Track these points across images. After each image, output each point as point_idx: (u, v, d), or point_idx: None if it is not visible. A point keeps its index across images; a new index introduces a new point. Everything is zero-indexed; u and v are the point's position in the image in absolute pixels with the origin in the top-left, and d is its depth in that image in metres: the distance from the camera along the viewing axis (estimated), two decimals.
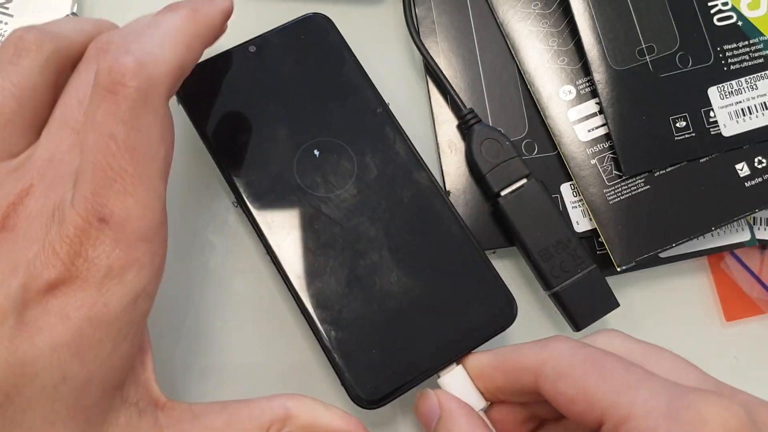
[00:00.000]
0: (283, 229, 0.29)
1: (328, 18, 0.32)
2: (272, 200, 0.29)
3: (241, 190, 0.29)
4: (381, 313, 0.28)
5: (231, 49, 0.31)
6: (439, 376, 0.28)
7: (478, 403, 0.27)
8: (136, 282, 0.21)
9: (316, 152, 0.30)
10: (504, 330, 0.29)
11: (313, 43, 0.32)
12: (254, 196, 0.29)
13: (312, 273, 0.28)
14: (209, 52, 0.31)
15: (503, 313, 0.29)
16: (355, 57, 0.32)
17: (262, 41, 0.31)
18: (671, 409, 0.19)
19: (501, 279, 0.29)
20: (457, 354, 0.28)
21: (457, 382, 0.27)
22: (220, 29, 0.26)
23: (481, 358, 0.27)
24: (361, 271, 0.29)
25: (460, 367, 0.28)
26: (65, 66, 0.25)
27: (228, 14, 0.27)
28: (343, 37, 0.32)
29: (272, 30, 0.32)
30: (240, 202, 0.29)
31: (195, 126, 0.30)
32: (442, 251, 0.29)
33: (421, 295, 0.28)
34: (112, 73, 0.21)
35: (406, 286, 0.28)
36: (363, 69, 0.32)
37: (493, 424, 0.26)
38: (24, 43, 0.24)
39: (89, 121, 0.21)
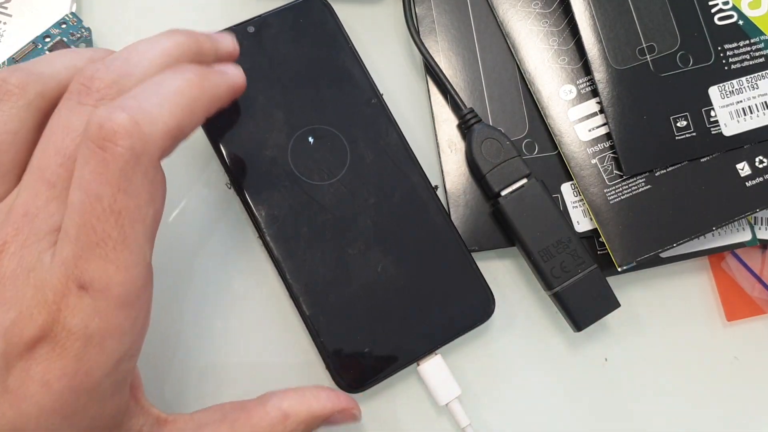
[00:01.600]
0: (274, 214, 0.30)
1: (328, 3, 0.32)
2: (265, 185, 0.30)
3: (235, 172, 0.30)
4: (366, 301, 0.29)
5: (230, 28, 0.31)
6: (418, 365, 0.30)
7: (455, 391, 0.29)
8: (117, 348, 0.21)
9: (311, 139, 0.30)
10: (482, 323, 0.30)
11: (312, 27, 0.32)
12: (248, 180, 0.30)
13: (301, 258, 0.29)
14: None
15: (482, 308, 0.30)
16: (352, 45, 0.32)
17: (261, 22, 0.31)
18: None
19: (481, 274, 0.30)
20: (436, 344, 0.29)
21: (435, 371, 0.29)
22: (225, 101, 0.25)
23: None
24: (348, 260, 0.29)
25: (438, 356, 0.30)
26: (52, 108, 0.23)
27: (238, 91, 0.25)
28: (341, 24, 0.32)
29: (271, 11, 0.32)
30: (233, 184, 0.30)
31: None
32: (426, 245, 0.30)
33: (405, 285, 0.30)
34: (103, 130, 0.20)
35: (390, 277, 0.30)
36: (360, 58, 0.32)
37: None
38: (6, 86, 0.22)
39: (77, 175, 0.20)
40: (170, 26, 0.33)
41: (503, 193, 0.31)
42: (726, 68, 0.32)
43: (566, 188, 0.32)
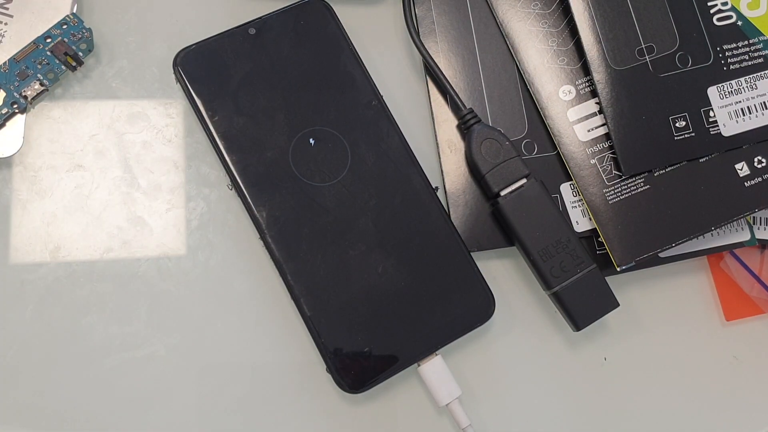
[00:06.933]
0: (276, 215, 0.30)
1: (329, 5, 0.32)
2: (266, 186, 0.30)
3: (236, 173, 0.30)
4: (366, 302, 0.29)
5: (231, 29, 0.31)
6: (419, 365, 0.30)
7: (455, 391, 0.29)
8: None
9: (312, 141, 0.30)
10: (482, 324, 0.30)
11: (313, 29, 0.32)
12: (249, 181, 0.30)
13: (302, 259, 0.29)
14: (209, 33, 0.31)
15: (482, 309, 0.30)
16: (353, 46, 0.32)
17: (262, 24, 0.32)
18: None
19: (482, 276, 0.30)
20: (437, 345, 0.29)
21: (435, 371, 0.29)
22: None
23: None
24: (349, 261, 0.30)
25: (439, 357, 0.30)
26: None
27: None
28: (342, 26, 0.32)
29: (272, 13, 0.32)
30: (235, 185, 0.30)
31: (192, 106, 0.31)
32: (427, 246, 0.30)
33: (405, 286, 0.30)
34: None
35: (391, 278, 0.30)
36: (360, 59, 0.32)
37: None
38: None
39: None
40: (171, 26, 0.33)
41: (503, 193, 0.31)
42: (725, 69, 0.33)
43: (565, 188, 0.32)
